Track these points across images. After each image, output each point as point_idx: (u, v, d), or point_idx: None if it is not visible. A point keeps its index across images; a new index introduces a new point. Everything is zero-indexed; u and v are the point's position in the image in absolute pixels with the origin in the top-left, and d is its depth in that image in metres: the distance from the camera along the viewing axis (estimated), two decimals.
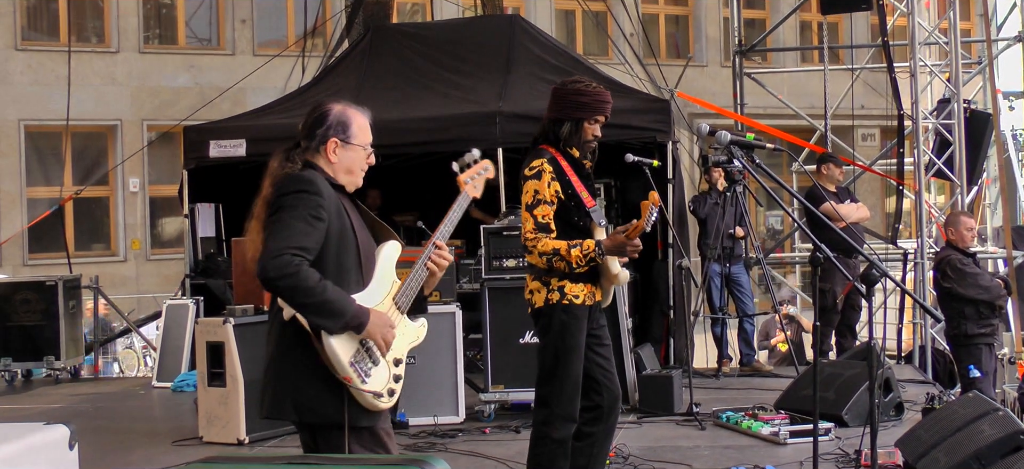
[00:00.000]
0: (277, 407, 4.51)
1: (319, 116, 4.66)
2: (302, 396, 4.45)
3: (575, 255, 5.79)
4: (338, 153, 4.62)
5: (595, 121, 6.00)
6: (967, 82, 15.73)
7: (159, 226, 24.67)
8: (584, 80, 6.11)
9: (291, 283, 4.30)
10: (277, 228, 4.37)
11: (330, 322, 4.36)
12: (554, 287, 5.89)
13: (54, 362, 12.77)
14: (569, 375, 5.89)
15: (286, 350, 4.49)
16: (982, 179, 16.33)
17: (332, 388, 4.43)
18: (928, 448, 6.68)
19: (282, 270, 4.28)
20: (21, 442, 4.92)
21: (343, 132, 4.64)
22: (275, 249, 4.31)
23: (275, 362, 4.52)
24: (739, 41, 16.25)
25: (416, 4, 25.75)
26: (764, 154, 6.49)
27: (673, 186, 11.72)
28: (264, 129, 12.35)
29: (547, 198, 5.85)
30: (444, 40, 13.75)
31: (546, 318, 5.94)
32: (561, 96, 6.03)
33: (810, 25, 27.75)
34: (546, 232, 5.83)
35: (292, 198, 4.41)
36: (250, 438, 8.59)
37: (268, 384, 4.55)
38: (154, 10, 25.14)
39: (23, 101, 22.69)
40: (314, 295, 4.31)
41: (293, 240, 4.33)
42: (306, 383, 4.44)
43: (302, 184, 4.45)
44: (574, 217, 5.91)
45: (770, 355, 15.83)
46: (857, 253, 11.13)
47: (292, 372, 4.47)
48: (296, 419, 4.53)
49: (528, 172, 5.94)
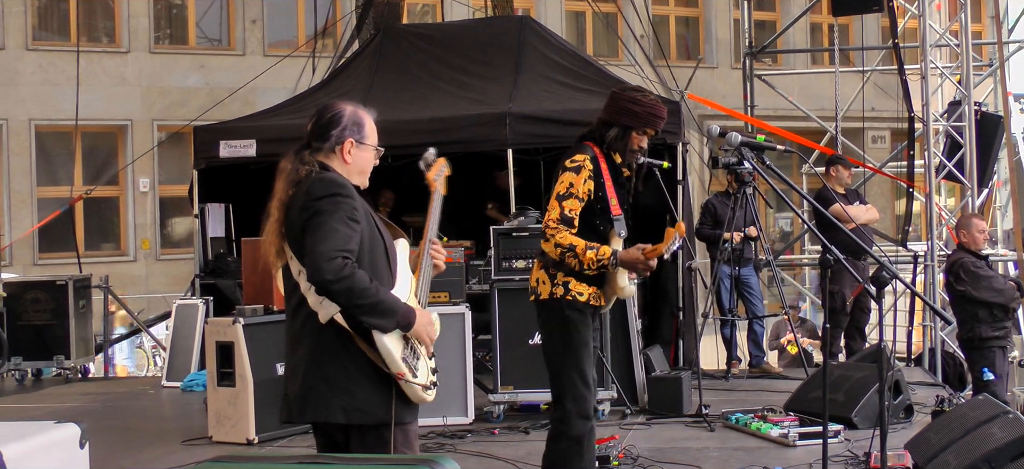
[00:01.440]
0: (322, 410, 4.53)
1: (333, 117, 4.68)
2: (352, 399, 4.49)
3: (590, 257, 5.79)
4: (353, 153, 4.66)
5: (644, 133, 6.02)
6: (978, 84, 15.70)
7: (169, 226, 24.71)
8: (644, 92, 6.14)
9: (347, 285, 4.34)
10: (322, 232, 4.39)
11: (385, 321, 4.43)
12: (560, 282, 5.89)
13: (64, 361, 12.80)
14: (580, 371, 5.88)
15: (329, 353, 4.51)
16: (993, 182, 16.31)
17: (379, 387, 4.50)
18: (938, 451, 6.66)
19: (338, 273, 4.32)
20: (33, 440, 4.95)
21: (358, 132, 4.68)
22: (328, 252, 4.34)
23: (317, 366, 4.52)
24: (749, 43, 16.24)
25: (426, 5, 25.76)
26: (774, 156, 6.50)
27: (683, 187, 11.71)
28: (274, 129, 12.35)
29: (579, 194, 5.85)
30: (454, 41, 13.75)
31: (549, 312, 5.95)
32: (616, 101, 6.05)
33: (820, 27, 27.71)
34: (569, 226, 5.83)
35: (328, 202, 4.44)
36: (259, 438, 8.60)
37: (309, 388, 4.54)
38: (165, 10, 25.18)
39: (34, 101, 22.74)
40: (369, 296, 4.38)
41: (341, 243, 4.38)
42: (355, 385, 4.49)
43: (336, 187, 4.49)
44: (596, 220, 5.91)
45: (780, 357, 15.82)
46: (867, 255, 11.16)
47: (339, 375, 4.49)
48: (344, 422, 4.53)
49: (569, 164, 5.93)
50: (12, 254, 21.50)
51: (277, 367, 8.78)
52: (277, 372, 8.77)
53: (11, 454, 4.59)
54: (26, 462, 4.74)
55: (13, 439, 4.80)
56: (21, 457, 4.70)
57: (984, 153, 14.23)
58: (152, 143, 22.56)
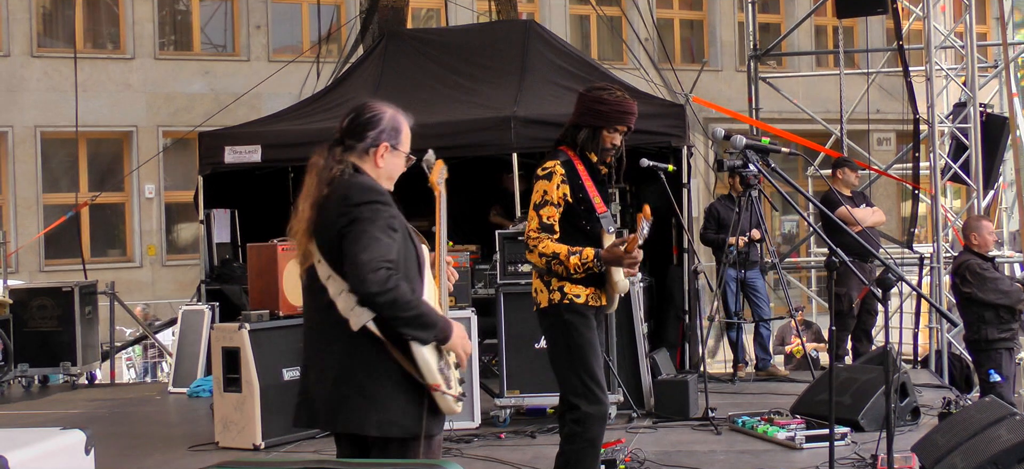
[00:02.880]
0: (355, 422, 4.43)
1: (372, 118, 4.61)
2: (387, 412, 4.40)
3: (574, 262, 5.80)
4: (386, 158, 4.59)
5: (615, 130, 6.00)
6: (983, 86, 15.69)
7: (175, 232, 24.73)
8: (610, 89, 6.08)
9: (392, 297, 4.27)
10: (364, 241, 4.30)
11: (425, 333, 4.37)
12: (555, 287, 5.90)
13: (70, 368, 12.81)
14: (589, 372, 5.87)
15: (362, 362, 4.41)
16: (998, 183, 16.28)
17: (412, 400, 4.42)
18: (944, 453, 6.66)
19: (383, 285, 4.25)
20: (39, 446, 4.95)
21: (395, 138, 4.63)
22: (371, 263, 4.27)
23: (349, 374, 4.42)
24: (754, 45, 16.23)
25: (430, 10, 25.78)
26: (779, 159, 6.49)
27: (688, 191, 11.70)
28: (279, 135, 12.37)
29: (554, 200, 5.86)
30: (458, 45, 13.76)
31: (550, 318, 5.96)
32: (583, 102, 6.04)
33: (825, 29, 27.72)
34: (549, 233, 5.84)
35: (367, 209, 4.37)
36: (266, 443, 8.60)
37: (342, 398, 4.44)
38: (169, 16, 25.20)
39: (39, 107, 22.74)
40: (411, 308, 4.32)
41: (383, 253, 4.30)
42: (390, 398, 4.41)
43: (374, 194, 4.43)
44: (582, 221, 5.90)
45: (786, 360, 15.80)
46: (873, 257, 11.15)
47: (373, 387, 4.41)
48: (378, 435, 4.43)
49: (540, 172, 5.96)
50: (18, 261, 21.50)
51: (284, 372, 8.78)
52: (284, 377, 8.77)
53: (17, 460, 4.59)
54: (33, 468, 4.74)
55: (19, 445, 4.81)
56: (27, 463, 4.70)
57: (990, 155, 14.21)
58: (157, 149, 22.59)
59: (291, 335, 8.93)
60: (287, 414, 8.73)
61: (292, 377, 8.84)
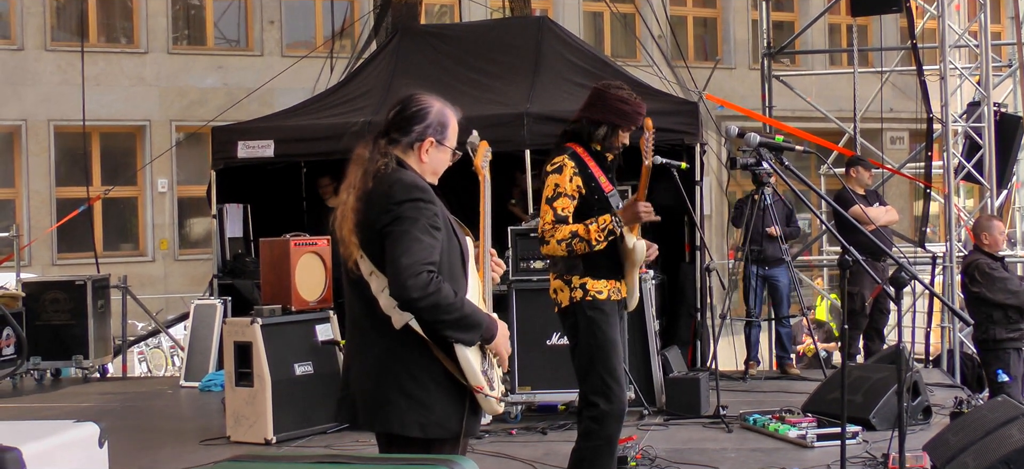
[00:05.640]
0: (397, 423, 4.34)
1: (419, 111, 4.49)
2: (430, 413, 4.32)
3: (594, 231, 5.81)
4: (431, 153, 4.47)
5: (629, 130, 6.03)
6: (997, 85, 15.64)
7: (187, 226, 24.78)
8: (626, 89, 6.11)
9: (434, 301, 4.18)
10: (405, 242, 4.20)
11: (469, 336, 4.30)
12: (576, 285, 5.91)
13: (83, 361, 12.84)
14: (610, 370, 5.87)
15: (404, 363, 4.33)
16: (1012, 183, 16.23)
17: (455, 400, 4.35)
18: (956, 452, 6.64)
19: (424, 289, 4.15)
20: (52, 440, 4.96)
21: (441, 133, 4.51)
22: (412, 267, 4.17)
23: (391, 374, 4.34)
24: (768, 43, 16.21)
25: (444, 6, 25.78)
26: (793, 157, 6.47)
27: (700, 188, 11.69)
28: (292, 130, 12.37)
29: (568, 192, 5.88)
30: (472, 42, 13.74)
31: (573, 317, 5.95)
32: (604, 99, 6.04)
33: (839, 27, 27.67)
34: (565, 224, 5.86)
35: (410, 207, 4.26)
36: (277, 438, 8.62)
37: (385, 398, 4.36)
38: (183, 11, 25.24)
39: (53, 101, 22.80)
40: (454, 311, 4.23)
41: (425, 255, 4.20)
42: (433, 399, 4.33)
43: (417, 191, 4.31)
44: (594, 209, 5.91)
45: (798, 361, 15.78)
46: (886, 256, 11.12)
47: (416, 388, 4.33)
48: (420, 436, 4.34)
49: (550, 168, 5.98)
50: (31, 254, 21.58)
51: (295, 367, 8.80)
52: (295, 372, 8.80)
53: (30, 453, 4.60)
54: (45, 461, 4.75)
55: (32, 438, 4.82)
56: (40, 456, 4.71)
57: (1003, 154, 14.16)
58: (170, 143, 22.62)
59: (303, 330, 8.95)
60: (299, 409, 8.83)
61: (304, 372, 8.88)
